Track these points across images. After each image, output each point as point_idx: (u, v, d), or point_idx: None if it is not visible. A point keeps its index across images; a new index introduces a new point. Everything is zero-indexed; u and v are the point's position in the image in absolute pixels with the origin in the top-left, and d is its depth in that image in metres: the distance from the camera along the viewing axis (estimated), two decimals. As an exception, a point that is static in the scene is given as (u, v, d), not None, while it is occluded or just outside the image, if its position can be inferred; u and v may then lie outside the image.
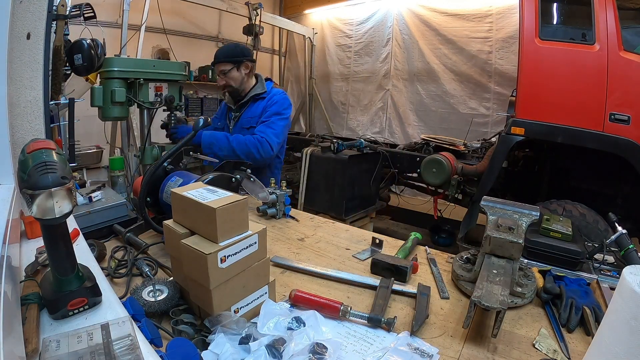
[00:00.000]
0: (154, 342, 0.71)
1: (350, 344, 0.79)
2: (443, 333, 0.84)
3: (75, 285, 0.65)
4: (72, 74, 1.62)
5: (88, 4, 1.67)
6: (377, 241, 1.31)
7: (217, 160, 1.50)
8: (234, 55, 1.98)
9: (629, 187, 2.64)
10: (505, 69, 4.40)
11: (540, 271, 1.05)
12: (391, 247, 1.31)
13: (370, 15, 5.70)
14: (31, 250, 0.86)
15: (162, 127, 1.93)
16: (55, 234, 0.62)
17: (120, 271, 1.01)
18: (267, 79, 2.24)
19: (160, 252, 1.17)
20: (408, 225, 4.24)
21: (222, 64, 1.97)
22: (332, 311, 0.86)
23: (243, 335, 0.74)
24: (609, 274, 1.24)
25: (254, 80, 2.12)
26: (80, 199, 1.37)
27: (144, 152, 1.44)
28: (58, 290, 0.64)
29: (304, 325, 0.79)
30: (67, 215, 0.59)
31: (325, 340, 0.74)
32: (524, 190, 3.21)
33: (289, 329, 0.78)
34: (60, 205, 0.56)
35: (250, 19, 4.96)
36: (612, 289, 1.00)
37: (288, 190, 1.56)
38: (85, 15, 1.69)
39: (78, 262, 0.69)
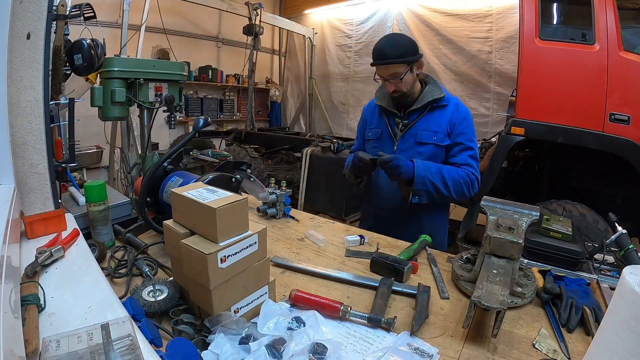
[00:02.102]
0: (154, 342, 0.71)
1: (350, 344, 0.79)
2: (443, 333, 0.84)
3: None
4: (72, 74, 1.62)
5: (88, 4, 1.66)
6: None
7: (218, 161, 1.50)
8: (408, 52, 1.45)
9: (629, 187, 2.64)
10: (505, 69, 4.40)
11: (540, 271, 1.05)
12: (394, 248, 1.31)
13: (370, 15, 5.70)
14: (31, 250, 0.86)
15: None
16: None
17: (120, 271, 1.01)
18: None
19: (160, 252, 1.17)
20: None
21: (395, 65, 1.44)
22: (332, 311, 0.86)
23: (243, 335, 0.74)
24: (609, 274, 1.25)
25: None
26: (81, 199, 1.37)
27: (145, 159, 1.44)
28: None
29: (304, 325, 0.79)
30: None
31: (325, 340, 0.74)
32: (524, 190, 3.21)
33: (289, 329, 0.78)
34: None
35: (250, 19, 4.96)
36: (612, 289, 1.00)
37: (288, 190, 1.56)
38: (85, 15, 1.68)
39: (78, 262, 0.69)
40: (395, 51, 1.43)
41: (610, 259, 1.34)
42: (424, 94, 1.53)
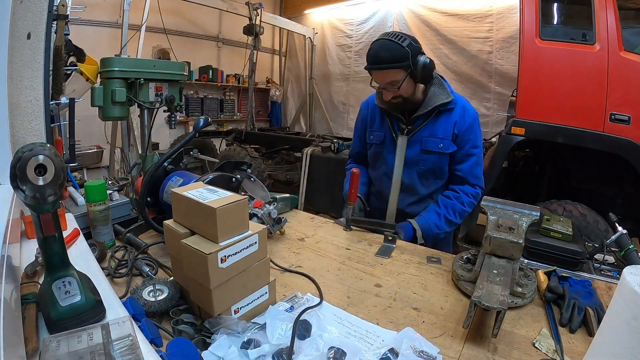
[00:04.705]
0: (154, 342, 0.71)
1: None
2: (443, 333, 0.84)
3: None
4: (73, 73, 1.62)
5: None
6: (390, 237, 1.32)
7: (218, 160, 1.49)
8: (405, 55, 1.30)
9: (630, 187, 2.64)
10: (505, 69, 4.40)
11: (545, 272, 1.05)
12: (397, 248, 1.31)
13: (370, 15, 5.70)
14: (31, 250, 0.86)
15: None
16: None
17: (120, 271, 1.01)
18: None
19: (160, 252, 1.17)
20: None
21: (390, 71, 1.33)
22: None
23: (245, 340, 0.73)
24: (609, 274, 1.25)
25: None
26: (80, 199, 1.37)
27: (145, 159, 1.45)
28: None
29: (311, 328, 0.78)
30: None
31: (341, 342, 0.73)
32: (524, 191, 3.21)
33: (298, 336, 0.76)
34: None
35: (250, 19, 4.97)
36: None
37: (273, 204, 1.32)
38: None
39: (78, 261, 0.69)
40: (389, 55, 1.30)
41: (610, 259, 1.34)
42: (429, 98, 1.42)
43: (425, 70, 1.35)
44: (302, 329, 0.77)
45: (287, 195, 1.63)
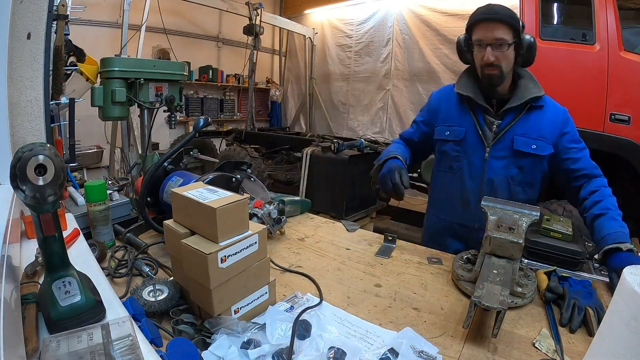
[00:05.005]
0: (154, 342, 0.71)
1: (351, 344, 0.79)
2: (443, 333, 0.84)
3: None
4: (73, 73, 1.62)
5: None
6: (390, 237, 1.31)
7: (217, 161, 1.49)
8: (518, 19, 1.23)
9: (630, 187, 2.64)
10: (505, 69, 4.40)
11: (545, 272, 1.05)
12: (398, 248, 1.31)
13: (370, 15, 5.71)
14: (31, 250, 0.86)
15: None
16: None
17: (120, 271, 1.01)
18: None
19: (160, 252, 1.17)
20: (408, 225, 4.24)
21: (503, 26, 1.20)
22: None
23: (245, 340, 0.73)
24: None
25: None
26: (80, 199, 1.37)
27: (145, 159, 1.45)
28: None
29: (311, 328, 0.78)
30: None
31: (341, 342, 0.73)
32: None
33: (297, 336, 0.76)
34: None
35: (250, 19, 4.97)
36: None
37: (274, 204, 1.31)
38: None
39: (78, 261, 0.69)
40: (506, 12, 1.20)
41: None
42: (522, 90, 1.27)
43: (530, 50, 1.26)
44: (302, 329, 0.77)
45: (298, 198, 1.61)
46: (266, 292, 0.87)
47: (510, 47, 1.22)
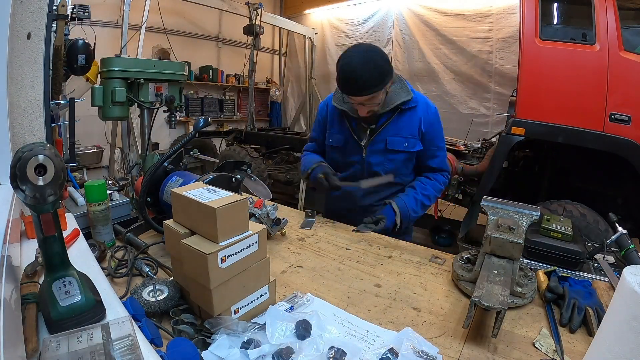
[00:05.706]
0: (154, 342, 0.71)
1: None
2: (443, 333, 0.84)
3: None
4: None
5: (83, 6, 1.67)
6: (309, 213, 1.50)
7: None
8: (386, 72, 1.31)
9: (630, 187, 2.64)
10: (505, 69, 4.40)
11: (545, 272, 1.05)
12: (394, 248, 1.31)
13: (370, 15, 5.71)
14: (31, 250, 0.86)
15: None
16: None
17: (120, 271, 1.01)
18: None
19: (160, 252, 1.17)
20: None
21: (372, 95, 1.31)
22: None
23: (245, 340, 0.73)
24: (609, 274, 1.24)
25: None
26: (80, 200, 1.37)
27: (145, 159, 1.45)
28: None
29: (311, 328, 0.78)
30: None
31: (341, 342, 0.73)
32: (524, 190, 3.21)
33: (297, 336, 0.76)
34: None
35: (250, 19, 4.96)
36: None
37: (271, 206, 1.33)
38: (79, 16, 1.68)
39: (78, 261, 0.69)
40: (374, 76, 1.27)
41: (610, 259, 1.34)
42: (390, 97, 1.41)
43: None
44: (302, 329, 0.77)
45: None
46: (266, 292, 0.87)
47: (380, 95, 1.34)
